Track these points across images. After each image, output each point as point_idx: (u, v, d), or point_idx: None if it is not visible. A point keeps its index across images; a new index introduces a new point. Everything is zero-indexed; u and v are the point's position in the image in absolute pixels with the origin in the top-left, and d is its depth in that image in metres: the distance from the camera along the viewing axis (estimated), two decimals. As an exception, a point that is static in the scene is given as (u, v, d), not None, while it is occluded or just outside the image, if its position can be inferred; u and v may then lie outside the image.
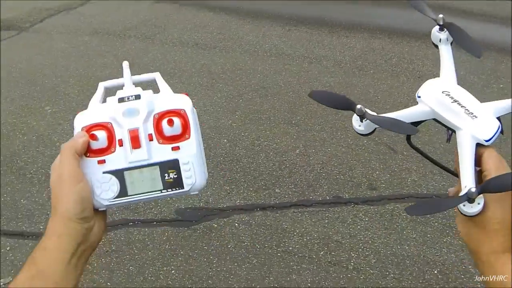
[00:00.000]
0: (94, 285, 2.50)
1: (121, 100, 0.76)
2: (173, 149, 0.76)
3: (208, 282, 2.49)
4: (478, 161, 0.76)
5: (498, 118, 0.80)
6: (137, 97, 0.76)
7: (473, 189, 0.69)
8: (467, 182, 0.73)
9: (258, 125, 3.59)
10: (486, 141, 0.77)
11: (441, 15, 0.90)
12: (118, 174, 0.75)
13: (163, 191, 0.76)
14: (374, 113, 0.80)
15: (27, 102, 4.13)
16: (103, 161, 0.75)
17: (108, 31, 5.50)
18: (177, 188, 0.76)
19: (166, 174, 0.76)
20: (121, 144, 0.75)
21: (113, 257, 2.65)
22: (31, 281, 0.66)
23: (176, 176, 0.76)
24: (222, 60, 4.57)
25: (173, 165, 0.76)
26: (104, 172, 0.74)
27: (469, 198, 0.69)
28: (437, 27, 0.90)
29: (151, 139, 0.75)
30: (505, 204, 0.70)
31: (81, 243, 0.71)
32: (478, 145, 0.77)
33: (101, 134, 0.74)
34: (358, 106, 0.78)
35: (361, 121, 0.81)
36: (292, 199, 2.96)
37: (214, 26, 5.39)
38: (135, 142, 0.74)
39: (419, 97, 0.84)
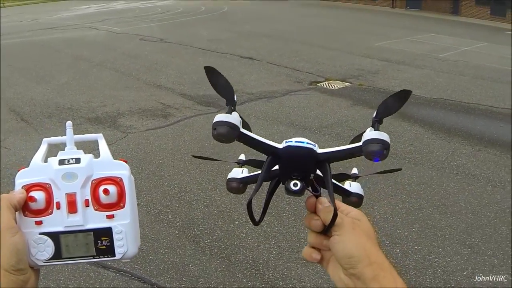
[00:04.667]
0: None
1: (61, 162, 0.76)
2: (108, 217, 0.76)
3: None
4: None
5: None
6: (77, 160, 0.76)
7: (374, 118, 0.70)
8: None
9: (432, 240, 3.57)
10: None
11: None
12: (54, 236, 0.75)
13: (95, 257, 0.76)
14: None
15: (214, 177, 4.51)
16: (40, 222, 0.74)
17: (305, 125, 5.82)
18: (109, 256, 0.76)
19: (99, 241, 0.76)
20: (58, 207, 0.75)
21: None
22: None
23: (109, 244, 0.76)
24: (410, 171, 4.64)
25: (107, 233, 0.76)
26: (40, 233, 0.74)
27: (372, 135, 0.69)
28: None
29: (87, 205, 0.75)
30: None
31: None
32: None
33: (40, 196, 0.74)
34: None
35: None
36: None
37: (407, 137, 5.50)
38: (72, 207, 0.75)
39: None
